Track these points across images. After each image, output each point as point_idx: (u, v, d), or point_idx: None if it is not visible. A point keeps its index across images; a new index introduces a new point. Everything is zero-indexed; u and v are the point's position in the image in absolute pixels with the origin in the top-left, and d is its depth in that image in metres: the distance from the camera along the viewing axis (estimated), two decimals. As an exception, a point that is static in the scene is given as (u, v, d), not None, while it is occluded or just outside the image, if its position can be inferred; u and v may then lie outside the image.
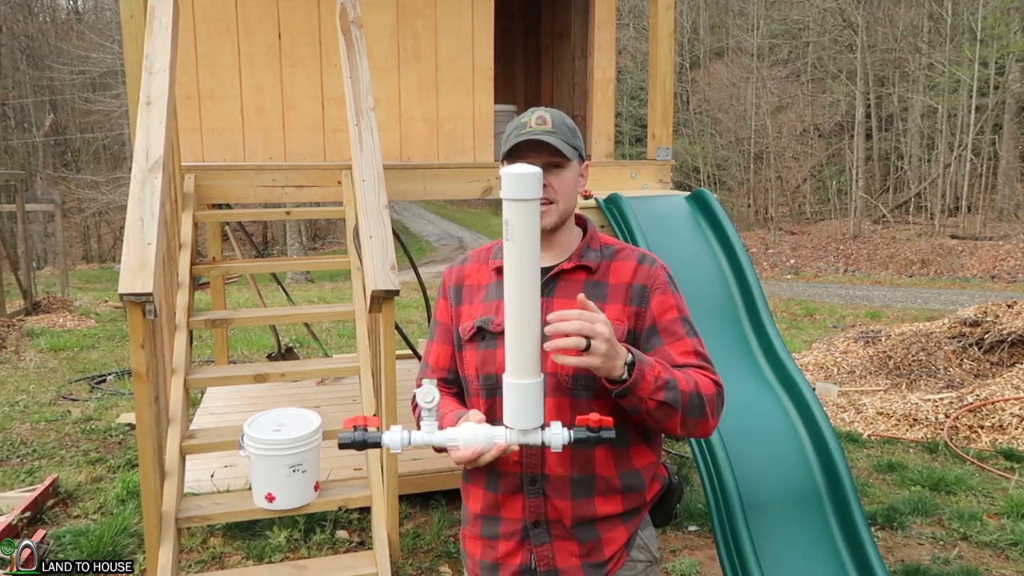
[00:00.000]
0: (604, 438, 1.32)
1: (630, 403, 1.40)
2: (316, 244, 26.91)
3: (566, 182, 1.52)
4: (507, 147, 1.50)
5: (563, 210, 1.53)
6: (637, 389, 1.37)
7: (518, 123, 1.53)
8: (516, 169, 1.26)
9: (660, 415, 1.42)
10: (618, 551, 1.55)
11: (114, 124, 22.89)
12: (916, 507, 4.00)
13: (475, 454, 1.34)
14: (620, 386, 1.36)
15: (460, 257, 1.71)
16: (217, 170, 4.11)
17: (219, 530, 3.63)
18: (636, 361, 1.37)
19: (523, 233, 1.25)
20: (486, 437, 1.33)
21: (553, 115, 1.52)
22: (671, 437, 4.61)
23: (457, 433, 1.34)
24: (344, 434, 1.36)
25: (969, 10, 21.96)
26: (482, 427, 1.35)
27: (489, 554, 1.58)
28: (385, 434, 1.34)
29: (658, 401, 1.39)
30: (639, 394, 1.38)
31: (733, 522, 2.73)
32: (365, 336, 3.44)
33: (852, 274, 18.85)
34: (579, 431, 1.32)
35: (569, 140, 1.51)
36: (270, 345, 7.73)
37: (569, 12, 5.61)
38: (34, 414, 5.70)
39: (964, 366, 6.36)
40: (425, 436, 1.35)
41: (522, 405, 1.31)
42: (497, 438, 1.33)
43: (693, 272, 3.53)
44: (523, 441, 1.33)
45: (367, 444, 1.35)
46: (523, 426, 1.32)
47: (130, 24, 3.84)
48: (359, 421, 1.37)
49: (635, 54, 28.54)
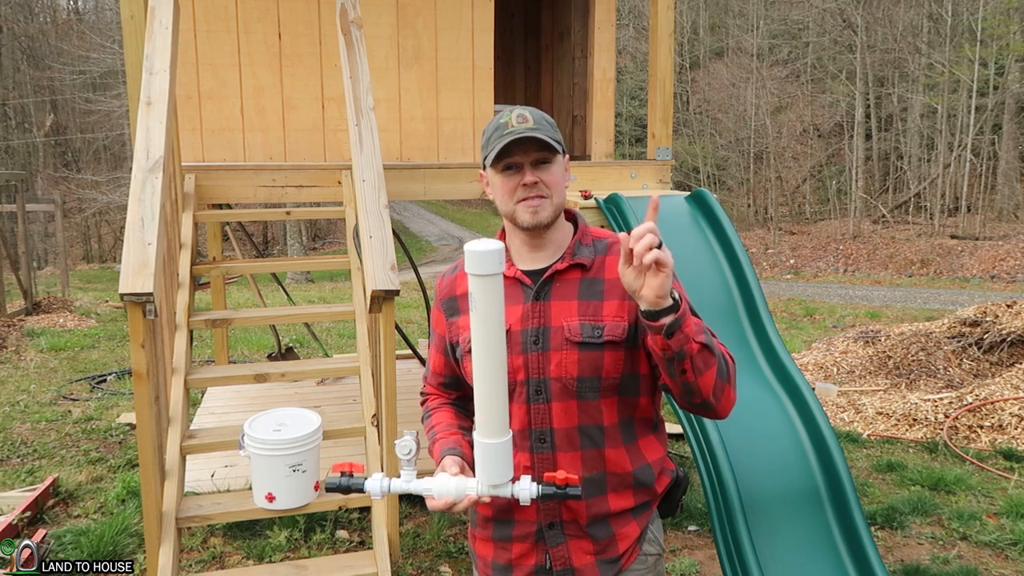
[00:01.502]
0: (569, 494, 1.35)
1: (678, 342, 1.30)
2: (316, 244, 26.91)
3: (556, 176, 1.51)
4: (495, 149, 1.47)
5: (556, 204, 1.52)
6: (684, 324, 1.30)
7: (498, 124, 1.50)
8: (478, 246, 1.28)
9: (700, 361, 1.35)
10: (631, 546, 1.56)
11: (114, 124, 22.90)
12: (916, 507, 4.01)
13: (447, 505, 1.38)
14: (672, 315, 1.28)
15: (451, 265, 1.70)
16: (217, 170, 4.12)
17: (219, 530, 3.64)
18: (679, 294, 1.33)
19: (487, 305, 1.30)
20: (457, 490, 1.39)
21: (532, 112, 1.51)
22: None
23: (432, 483, 1.40)
24: (331, 478, 1.43)
25: (969, 10, 21.97)
26: (455, 479, 1.40)
27: (502, 556, 1.59)
28: (368, 481, 1.41)
29: (701, 343, 1.34)
30: (686, 331, 1.31)
31: (733, 522, 2.74)
32: (365, 336, 3.45)
33: (852, 274, 18.85)
34: (547, 487, 1.36)
35: (552, 135, 1.50)
36: (270, 345, 7.74)
37: (569, 12, 5.61)
38: (35, 414, 5.70)
39: (964, 366, 6.36)
40: (403, 484, 1.42)
41: (492, 462, 1.37)
42: (469, 491, 1.38)
43: (693, 272, 3.53)
44: (493, 494, 1.39)
45: (351, 489, 1.42)
46: (493, 481, 1.38)
47: (130, 24, 3.84)
48: (346, 467, 1.43)
49: (635, 54, 28.55)
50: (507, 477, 1.38)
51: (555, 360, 1.49)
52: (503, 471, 1.37)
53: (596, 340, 1.48)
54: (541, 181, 1.49)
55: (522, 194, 1.50)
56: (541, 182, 1.49)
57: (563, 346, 1.49)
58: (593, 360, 1.48)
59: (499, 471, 1.37)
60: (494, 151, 1.48)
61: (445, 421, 1.61)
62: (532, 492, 1.36)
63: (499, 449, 1.36)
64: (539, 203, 1.49)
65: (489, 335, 1.32)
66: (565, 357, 1.49)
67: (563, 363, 1.49)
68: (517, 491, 1.37)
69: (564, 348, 1.49)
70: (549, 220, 1.51)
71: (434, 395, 1.73)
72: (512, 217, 1.52)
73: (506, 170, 1.51)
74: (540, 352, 1.50)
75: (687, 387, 1.39)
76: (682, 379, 1.38)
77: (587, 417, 1.50)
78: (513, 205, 1.51)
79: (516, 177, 1.50)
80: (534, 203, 1.49)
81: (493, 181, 1.54)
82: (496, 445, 1.36)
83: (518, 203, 1.50)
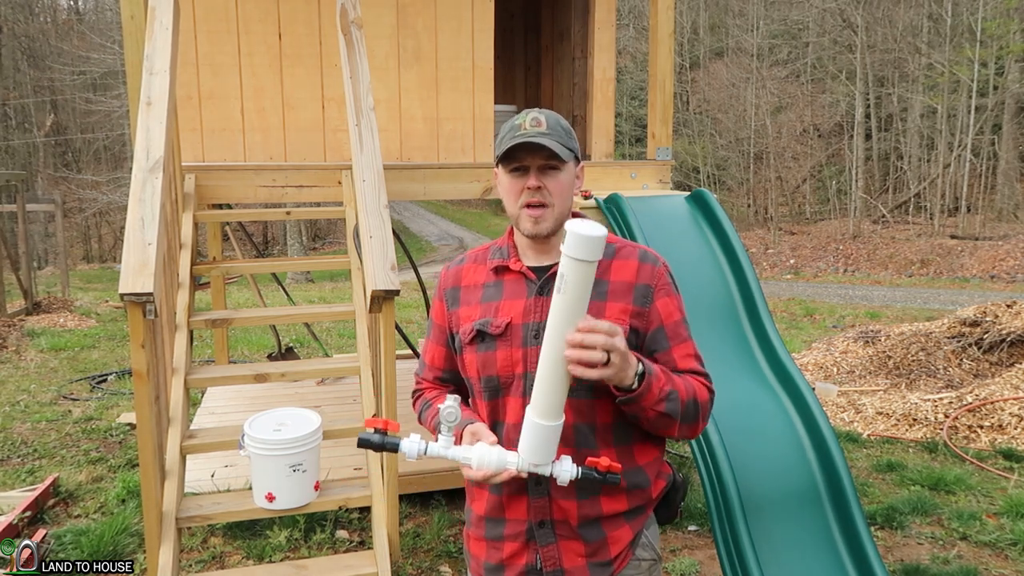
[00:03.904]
0: (609, 481, 1.38)
1: (632, 411, 1.43)
2: (316, 244, 26.91)
3: (562, 184, 1.51)
4: (502, 149, 1.49)
5: (559, 214, 1.52)
6: (642, 400, 1.41)
7: (512, 125, 1.51)
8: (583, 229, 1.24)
9: (659, 424, 1.46)
10: (624, 550, 1.56)
11: (115, 124, 22.91)
12: (915, 507, 4.01)
13: (485, 476, 1.39)
14: (628, 394, 1.40)
15: (458, 257, 1.71)
16: (217, 170, 4.12)
17: (219, 530, 3.64)
18: (647, 372, 1.40)
19: (575, 290, 1.28)
20: (499, 461, 1.38)
21: (548, 116, 1.51)
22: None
23: (472, 453, 1.39)
24: (364, 434, 1.40)
25: (969, 11, 21.97)
26: (495, 450, 1.39)
27: (494, 555, 1.59)
28: (404, 441, 1.39)
29: (659, 412, 1.43)
30: (643, 404, 1.41)
31: (733, 522, 2.74)
32: (365, 336, 3.45)
33: (852, 274, 18.86)
34: (588, 471, 1.39)
35: (564, 141, 1.50)
36: (270, 345, 7.74)
37: (569, 13, 5.61)
38: (35, 414, 5.70)
39: (963, 366, 6.36)
40: (441, 449, 1.40)
41: (540, 443, 1.37)
42: (509, 464, 1.38)
43: (693, 272, 3.53)
44: (533, 471, 1.39)
45: (385, 447, 1.39)
46: (537, 461, 1.38)
47: (131, 24, 3.85)
48: (380, 423, 1.41)
49: (635, 54, 28.55)
50: (549, 459, 1.39)
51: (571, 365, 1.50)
52: (547, 453, 1.38)
53: None
54: (545, 188, 1.49)
55: (525, 198, 1.50)
56: (545, 188, 1.49)
57: None
58: None
59: (544, 452, 1.38)
60: (502, 151, 1.50)
61: None
62: (572, 473, 1.38)
63: (550, 432, 1.37)
64: (541, 213, 1.50)
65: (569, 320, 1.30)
66: None
67: None
68: (557, 471, 1.39)
69: None
70: (549, 231, 1.52)
71: (430, 388, 1.72)
72: (516, 221, 1.54)
73: (514, 171, 1.51)
74: (539, 347, 1.50)
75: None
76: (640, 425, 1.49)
77: (580, 415, 1.50)
78: (518, 209, 1.52)
79: (523, 179, 1.51)
80: (536, 212, 1.50)
81: (502, 180, 1.56)
82: (549, 427, 1.36)
83: (522, 208, 1.51)
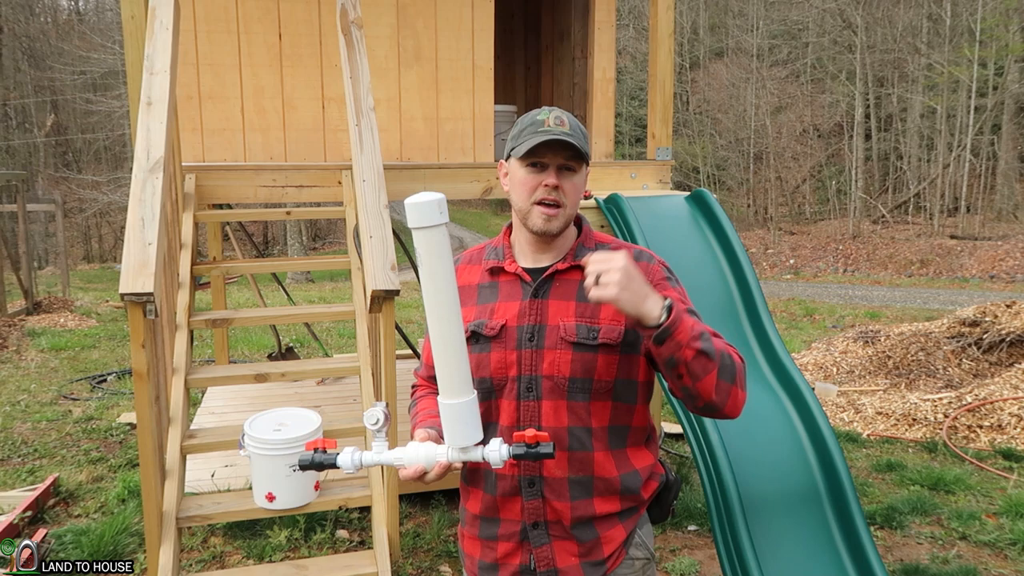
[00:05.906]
0: (541, 453, 1.33)
1: (669, 349, 1.34)
2: (316, 244, 26.91)
3: (576, 187, 1.51)
4: (527, 144, 1.46)
5: (569, 215, 1.52)
6: (676, 332, 1.33)
7: (534, 120, 1.49)
8: (416, 198, 1.25)
9: (697, 367, 1.36)
10: (617, 549, 1.56)
11: (115, 124, 22.90)
12: (915, 507, 4.01)
13: (417, 472, 1.37)
14: (658, 329, 1.33)
15: (453, 258, 1.71)
16: (218, 170, 4.12)
17: (219, 529, 3.64)
18: (673, 304, 1.35)
19: (432, 259, 1.27)
20: (427, 456, 1.37)
21: (568, 117, 1.51)
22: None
23: (402, 453, 1.38)
24: (303, 455, 1.40)
25: (968, 11, 21.97)
26: (424, 446, 1.38)
27: (488, 555, 1.59)
28: (339, 456, 1.39)
29: (696, 350, 1.35)
30: (677, 338, 1.33)
31: (733, 522, 2.74)
32: (365, 336, 3.45)
33: (851, 274, 18.86)
34: (516, 447, 1.34)
35: (583, 145, 1.49)
36: (270, 345, 7.74)
37: (569, 13, 5.62)
38: (35, 414, 5.71)
39: (963, 366, 6.37)
40: (375, 457, 1.39)
41: (457, 423, 1.34)
42: (439, 456, 1.37)
43: (693, 272, 3.53)
44: (463, 458, 1.37)
45: (323, 465, 1.39)
46: (461, 444, 1.35)
47: (131, 24, 3.85)
48: (318, 444, 1.41)
49: (635, 54, 28.55)
50: (475, 439, 1.36)
51: (548, 358, 1.49)
52: (470, 433, 1.35)
53: (591, 342, 1.48)
54: (561, 188, 1.49)
55: (541, 195, 1.49)
56: (561, 189, 1.49)
57: (557, 345, 1.49)
58: (586, 361, 1.48)
59: (465, 433, 1.34)
60: (525, 145, 1.47)
61: (429, 407, 1.60)
62: (502, 453, 1.34)
63: (462, 409, 1.33)
64: (555, 212, 1.49)
65: (438, 292, 1.28)
66: (559, 356, 1.49)
67: (556, 362, 1.49)
68: (487, 453, 1.35)
69: (558, 347, 1.49)
70: (559, 231, 1.52)
71: (423, 387, 1.72)
72: (525, 216, 1.52)
73: (532, 166, 1.50)
74: (534, 349, 1.50)
75: (687, 392, 1.41)
76: (681, 384, 1.40)
77: (575, 419, 1.50)
78: (529, 205, 1.50)
79: (540, 176, 1.49)
80: (549, 211, 1.49)
81: (515, 174, 1.53)
82: (458, 405, 1.33)
83: (534, 204, 1.50)
